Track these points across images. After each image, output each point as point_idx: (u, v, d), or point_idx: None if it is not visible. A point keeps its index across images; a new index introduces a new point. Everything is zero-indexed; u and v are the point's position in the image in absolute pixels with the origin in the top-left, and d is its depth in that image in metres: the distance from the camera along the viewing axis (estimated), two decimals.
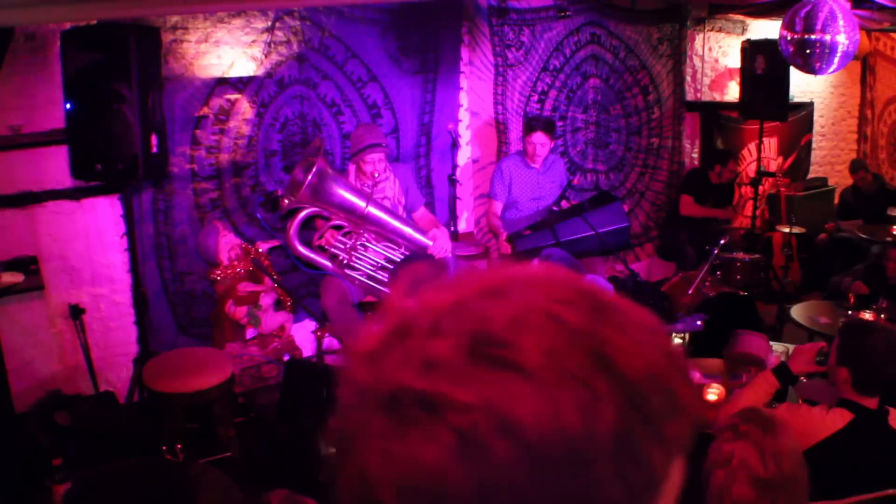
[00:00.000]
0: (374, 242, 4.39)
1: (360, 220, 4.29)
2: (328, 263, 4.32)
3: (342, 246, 4.33)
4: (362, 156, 4.33)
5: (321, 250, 4.34)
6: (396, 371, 0.49)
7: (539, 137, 4.88)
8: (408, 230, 4.43)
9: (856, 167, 6.77)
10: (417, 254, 4.38)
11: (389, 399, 0.49)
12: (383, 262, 4.40)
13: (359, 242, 4.35)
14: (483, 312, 0.50)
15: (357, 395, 0.51)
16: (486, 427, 0.46)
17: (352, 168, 4.49)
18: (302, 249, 4.26)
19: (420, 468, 0.47)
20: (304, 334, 4.65)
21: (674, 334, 4.45)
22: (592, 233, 4.63)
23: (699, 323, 3.95)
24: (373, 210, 4.29)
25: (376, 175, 4.36)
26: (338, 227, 4.36)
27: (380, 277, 4.40)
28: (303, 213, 4.23)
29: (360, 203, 4.26)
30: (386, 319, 0.54)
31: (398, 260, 4.42)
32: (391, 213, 4.43)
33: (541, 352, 0.48)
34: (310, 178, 4.05)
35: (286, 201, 4.22)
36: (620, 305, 0.54)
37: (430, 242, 4.42)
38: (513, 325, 0.49)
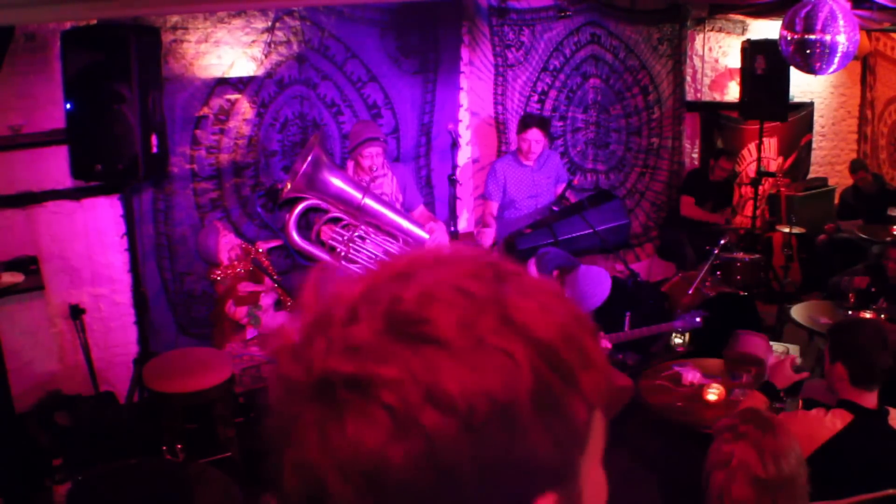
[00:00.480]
0: (372, 235, 4.40)
1: (357, 212, 4.30)
2: (326, 256, 4.33)
3: (340, 238, 4.34)
4: (360, 150, 4.35)
5: (319, 243, 4.35)
6: (322, 359, 0.51)
7: (534, 134, 4.88)
8: (405, 223, 4.43)
9: (856, 167, 6.77)
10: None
11: (319, 386, 0.51)
12: (381, 255, 4.42)
13: (356, 234, 4.35)
14: (393, 293, 0.52)
15: (287, 389, 0.53)
16: (416, 399, 0.48)
17: (350, 164, 4.50)
18: (299, 240, 4.27)
19: (360, 448, 0.49)
20: None
21: (674, 334, 4.46)
22: (591, 231, 4.63)
23: (698, 319, 3.95)
24: (369, 201, 4.29)
25: (374, 169, 4.37)
26: (336, 220, 4.38)
27: None
28: (302, 205, 4.24)
29: (357, 194, 4.27)
30: (304, 315, 0.56)
31: (397, 253, 4.42)
32: (388, 205, 4.43)
33: (454, 323, 0.50)
34: (305, 166, 4.07)
35: (285, 191, 4.24)
36: (523, 274, 0.57)
37: (427, 236, 4.43)
38: (423, 301, 0.51)
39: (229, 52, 4.39)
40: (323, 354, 0.51)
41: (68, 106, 3.55)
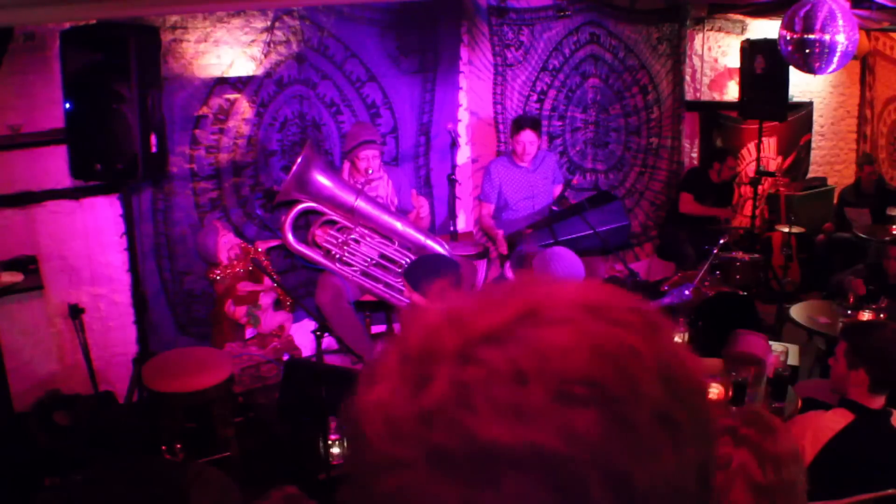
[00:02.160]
0: (367, 237, 4.40)
1: (351, 214, 4.30)
2: (321, 258, 4.33)
3: (334, 241, 4.34)
4: (356, 152, 4.35)
5: (316, 245, 4.35)
6: (487, 427, 0.43)
7: (527, 136, 4.88)
8: (399, 225, 4.43)
9: (865, 161, 6.72)
10: (433, 255, 4.36)
11: (476, 457, 0.43)
12: (377, 258, 4.42)
13: (351, 237, 4.36)
14: (556, 344, 0.46)
15: (409, 453, 0.45)
16: (586, 473, 0.43)
17: (346, 165, 4.50)
18: (295, 242, 4.28)
19: None
20: (303, 334, 4.65)
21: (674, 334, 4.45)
22: (592, 232, 4.63)
23: (687, 293, 3.94)
24: (362, 204, 4.29)
25: (370, 172, 4.37)
26: (333, 223, 4.38)
27: (374, 274, 4.42)
28: (298, 207, 4.24)
29: (349, 197, 4.27)
30: (423, 357, 0.47)
31: (392, 256, 4.42)
32: (382, 207, 4.43)
33: (626, 386, 0.46)
34: (295, 167, 4.07)
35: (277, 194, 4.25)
36: (667, 324, 0.53)
37: (423, 238, 4.43)
38: (593, 358, 0.46)
39: (229, 52, 4.39)
40: (488, 422, 0.43)
41: (67, 105, 3.55)
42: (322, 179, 4.22)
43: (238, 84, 4.47)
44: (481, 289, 0.53)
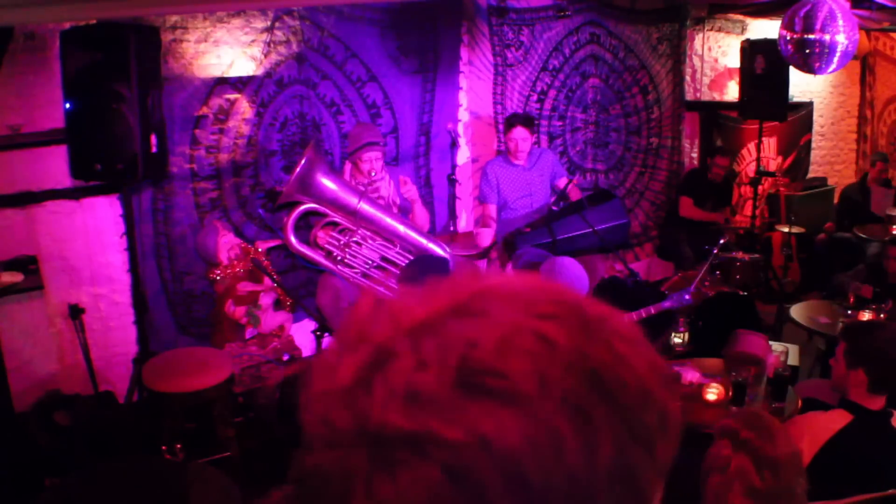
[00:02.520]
0: (369, 240, 4.40)
1: (354, 217, 4.30)
2: (323, 260, 4.33)
3: (336, 242, 4.34)
4: (359, 154, 4.35)
5: (317, 247, 4.35)
6: (381, 411, 0.45)
7: (519, 132, 4.88)
8: (402, 227, 4.43)
9: (880, 158, 6.69)
10: (426, 255, 4.37)
11: (373, 439, 0.45)
12: (378, 261, 4.42)
13: (353, 239, 4.36)
14: (467, 336, 0.46)
15: (334, 433, 0.47)
16: (482, 464, 0.43)
17: (348, 167, 4.50)
18: (297, 243, 4.28)
19: None
20: (303, 334, 4.65)
21: (673, 334, 4.45)
22: (591, 230, 4.63)
23: (687, 297, 3.95)
24: (365, 206, 4.30)
25: (373, 174, 4.37)
26: (334, 224, 4.37)
27: (375, 276, 4.42)
28: (300, 209, 4.24)
29: (352, 199, 4.27)
30: (355, 342, 0.49)
31: (393, 258, 4.42)
32: (385, 210, 4.43)
33: (534, 379, 0.45)
34: (298, 169, 4.08)
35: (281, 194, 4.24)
36: (605, 316, 0.50)
37: (424, 241, 4.43)
38: (501, 349, 0.46)
39: (229, 52, 4.39)
40: (381, 405, 0.45)
41: (68, 105, 3.55)
42: (325, 182, 4.21)
43: (238, 84, 4.47)
44: (434, 283, 0.53)
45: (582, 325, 0.49)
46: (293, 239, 4.25)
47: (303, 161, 4.08)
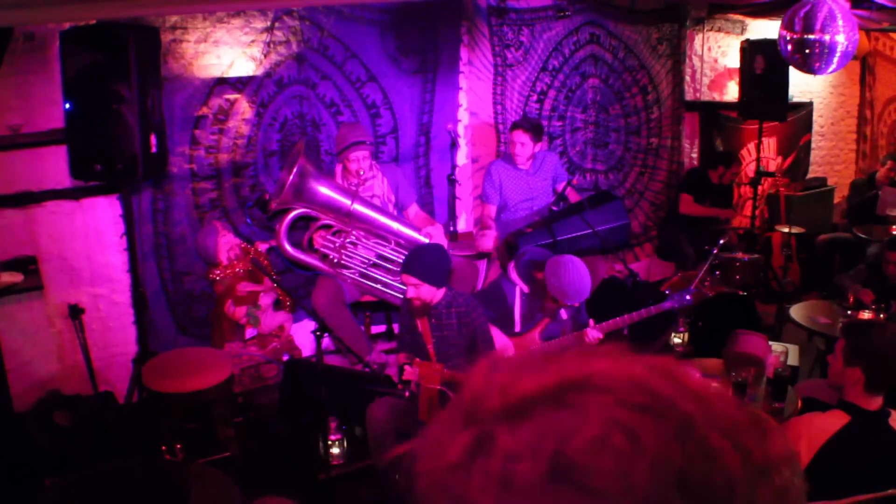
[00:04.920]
0: (363, 240, 4.40)
1: (348, 218, 4.30)
2: (319, 263, 4.33)
3: (331, 245, 4.34)
4: (346, 154, 4.36)
5: (312, 251, 4.35)
6: (476, 493, 0.48)
7: (518, 136, 4.88)
8: (396, 225, 4.44)
9: (892, 157, 6.64)
10: (424, 246, 4.36)
11: None
12: (375, 260, 4.42)
13: (348, 241, 4.36)
14: (561, 428, 0.48)
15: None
16: None
17: (338, 168, 4.51)
18: (291, 249, 4.28)
19: None
20: (303, 334, 4.65)
21: (673, 334, 4.45)
22: (591, 231, 4.63)
23: (688, 297, 3.95)
24: (358, 207, 4.30)
25: (361, 173, 4.38)
26: (327, 227, 4.38)
27: (372, 275, 4.42)
28: (292, 214, 4.24)
29: (345, 201, 4.27)
30: (463, 420, 0.52)
31: (388, 255, 4.42)
32: (379, 210, 4.44)
33: (618, 477, 0.46)
34: (291, 177, 4.07)
35: (273, 204, 4.25)
36: (704, 403, 0.51)
37: (424, 240, 4.42)
38: (594, 448, 0.47)
39: (228, 52, 4.39)
40: (479, 491, 0.48)
41: (67, 106, 3.55)
42: (318, 187, 4.22)
43: (238, 84, 4.47)
44: (532, 354, 0.56)
45: (675, 419, 0.49)
46: (287, 246, 4.26)
47: (294, 169, 4.08)
